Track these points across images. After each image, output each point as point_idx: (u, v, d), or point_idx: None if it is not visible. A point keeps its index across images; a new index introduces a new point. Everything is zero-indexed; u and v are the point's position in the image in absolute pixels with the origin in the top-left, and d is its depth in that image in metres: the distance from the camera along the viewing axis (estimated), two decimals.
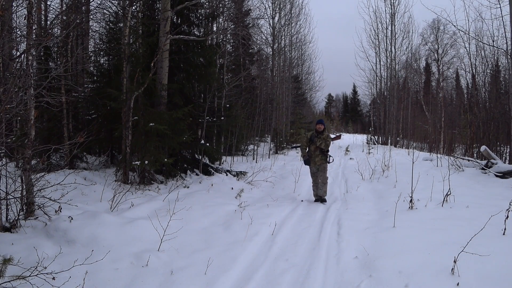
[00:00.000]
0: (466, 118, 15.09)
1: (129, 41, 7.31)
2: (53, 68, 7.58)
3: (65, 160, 7.72)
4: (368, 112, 42.04)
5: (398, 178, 8.02)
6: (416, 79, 30.81)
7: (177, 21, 8.69)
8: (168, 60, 7.79)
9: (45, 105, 5.54)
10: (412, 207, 5.41)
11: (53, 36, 7.23)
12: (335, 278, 3.28)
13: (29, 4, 4.35)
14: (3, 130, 3.79)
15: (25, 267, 2.98)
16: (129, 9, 7.26)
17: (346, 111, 73.26)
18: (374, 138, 26.74)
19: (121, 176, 7.23)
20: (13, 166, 5.48)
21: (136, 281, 3.18)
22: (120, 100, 7.12)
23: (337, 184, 8.73)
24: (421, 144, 22.95)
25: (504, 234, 3.88)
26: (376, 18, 26.66)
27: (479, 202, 5.58)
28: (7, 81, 4.04)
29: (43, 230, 4.00)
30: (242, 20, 14.93)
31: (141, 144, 6.98)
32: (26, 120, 4.35)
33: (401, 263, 3.35)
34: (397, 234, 4.24)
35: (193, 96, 9.37)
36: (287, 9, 20.60)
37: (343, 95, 77.07)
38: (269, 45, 19.89)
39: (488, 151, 8.83)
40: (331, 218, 5.32)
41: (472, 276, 3.01)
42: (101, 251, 3.54)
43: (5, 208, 4.09)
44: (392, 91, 25.20)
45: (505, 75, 15.43)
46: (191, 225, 4.70)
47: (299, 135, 21.30)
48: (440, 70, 28.25)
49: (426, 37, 29.33)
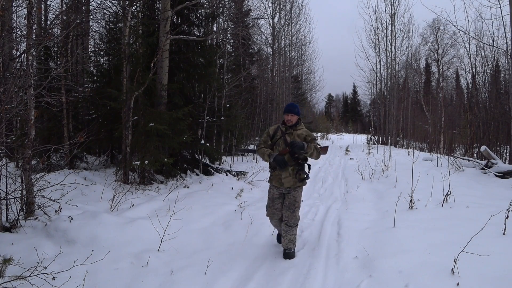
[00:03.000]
0: (466, 118, 15.10)
1: (129, 41, 7.31)
2: (53, 68, 7.57)
3: (65, 160, 7.72)
4: (368, 112, 42.04)
5: (398, 178, 8.02)
6: (416, 79, 30.82)
7: (177, 21, 8.69)
8: (168, 60, 7.79)
9: (45, 105, 5.54)
10: (412, 207, 5.41)
11: (53, 36, 7.23)
12: (335, 278, 3.29)
13: (29, 4, 4.35)
14: (3, 130, 3.79)
15: (25, 267, 2.98)
16: (129, 9, 7.25)
17: (346, 111, 73.22)
18: (374, 138, 26.74)
19: (121, 176, 7.22)
20: (13, 166, 5.48)
21: (136, 281, 3.18)
22: (120, 100, 7.12)
23: (337, 184, 8.73)
24: (421, 144, 22.94)
25: (504, 234, 3.88)
26: (376, 18, 26.74)
27: (479, 202, 5.58)
28: (7, 81, 4.04)
29: (43, 230, 4.00)
30: (242, 20, 14.92)
31: (141, 144, 6.98)
32: (26, 120, 4.35)
33: (401, 263, 3.35)
34: (397, 234, 4.24)
35: (193, 96, 9.36)
36: (287, 9, 20.64)
37: (343, 95, 77.09)
38: (269, 45, 19.90)
39: (488, 151, 8.83)
40: (331, 218, 5.32)
41: (472, 276, 3.00)
42: (101, 251, 3.54)
43: (5, 208, 4.09)
44: (392, 91, 25.21)
45: (505, 75, 15.43)
46: (191, 225, 4.70)
47: None
48: (440, 70, 28.25)
49: (426, 37, 29.32)
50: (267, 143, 3.85)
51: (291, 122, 3.79)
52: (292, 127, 3.80)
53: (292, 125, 3.80)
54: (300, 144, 3.56)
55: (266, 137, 3.90)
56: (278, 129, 3.85)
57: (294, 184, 3.74)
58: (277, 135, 3.82)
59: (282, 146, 3.70)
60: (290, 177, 3.72)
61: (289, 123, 3.79)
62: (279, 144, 3.74)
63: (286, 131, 3.78)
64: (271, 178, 3.86)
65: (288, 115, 3.78)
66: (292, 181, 3.73)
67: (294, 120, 3.79)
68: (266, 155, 3.74)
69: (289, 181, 3.73)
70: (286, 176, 3.72)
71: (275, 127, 3.91)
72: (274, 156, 3.67)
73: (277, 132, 3.83)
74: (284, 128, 3.81)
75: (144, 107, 7.27)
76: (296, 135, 3.76)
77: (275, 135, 3.83)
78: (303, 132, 3.80)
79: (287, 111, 3.80)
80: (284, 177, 3.72)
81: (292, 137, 3.73)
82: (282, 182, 3.74)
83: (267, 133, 3.94)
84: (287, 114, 3.79)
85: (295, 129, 3.79)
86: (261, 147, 3.84)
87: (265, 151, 3.77)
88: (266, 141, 3.86)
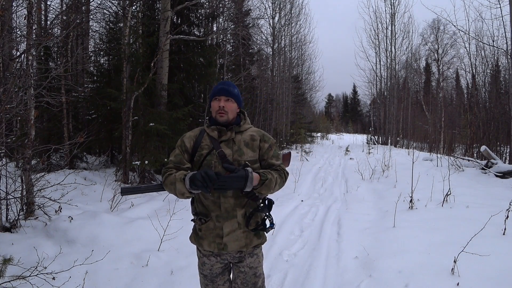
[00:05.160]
0: (466, 118, 15.10)
1: (129, 41, 7.32)
2: (53, 68, 7.57)
3: (65, 160, 7.72)
4: (368, 112, 42.05)
5: (398, 178, 8.02)
6: (416, 79, 30.84)
7: (177, 21, 8.70)
8: (168, 60, 7.79)
9: (45, 105, 5.55)
10: (412, 207, 5.41)
11: (53, 36, 7.23)
12: (335, 278, 3.28)
13: (29, 4, 4.36)
14: (3, 130, 3.79)
15: (25, 267, 2.98)
16: (129, 9, 7.26)
17: (346, 111, 73.30)
18: (374, 138, 26.75)
19: (121, 176, 7.23)
20: (13, 166, 5.48)
21: (136, 281, 3.18)
22: (120, 100, 7.12)
23: (337, 184, 8.73)
24: (421, 144, 22.95)
25: (504, 234, 3.88)
26: (376, 18, 26.81)
27: (479, 202, 5.57)
28: (7, 81, 4.04)
29: (43, 230, 4.00)
30: (242, 20, 14.92)
31: (141, 144, 6.98)
32: (26, 120, 4.35)
33: (401, 263, 3.35)
34: (397, 234, 4.24)
35: (193, 96, 9.37)
36: (287, 9, 20.65)
37: (343, 95, 77.21)
38: (269, 45, 19.91)
39: (488, 151, 8.83)
40: (331, 218, 5.32)
41: (472, 276, 3.00)
42: (101, 251, 3.54)
43: (5, 208, 4.09)
44: (392, 91, 25.23)
45: (505, 75, 15.44)
46: (191, 225, 4.69)
47: (299, 135, 21.25)
48: (440, 70, 28.29)
49: (426, 37, 29.41)
50: (183, 164, 1.90)
51: (226, 115, 1.87)
52: (230, 127, 1.90)
53: (230, 121, 1.90)
54: (250, 175, 1.69)
55: (181, 153, 1.94)
56: (203, 135, 1.94)
57: (249, 242, 1.90)
58: (202, 147, 1.90)
59: (218, 168, 1.82)
60: (239, 229, 1.87)
61: (222, 118, 1.86)
62: (210, 166, 1.84)
63: (221, 137, 1.89)
64: (200, 235, 1.97)
65: (221, 99, 1.87)
66: (244, 237, 1.89)
67: (231, 111, 1.89)
68: (179, 181, 1.77)
69: (239, 237, 1.88)
70: (232, 229, 1.87)
71: (196, 132, 1.99)
72: (195, 174, 1.67)
73: (202, 141, 1.92)
74: (217, 131, 1.90)
75: (144, 107, 7.27)
76: (243, 141, 1.89)
77: (198, 147, 1.91)
78: (255, 135, 1.94)
79: (216, 93, 1.89)
80: (228, 231, 1.86)
81: (236, 148, 1.87)
82: (224, 243, 1.87)
83: (180, 145, 1.97)
84: (217, 99, 1.88)
85: (239, 130, 1.92)
86: (171, 173, 1.87)
87: (176, 176, 1.81)
88: (181, 162, 1.91)
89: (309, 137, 27.02)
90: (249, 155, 1.88)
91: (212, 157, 1.86)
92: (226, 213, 1.85)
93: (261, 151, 1.93)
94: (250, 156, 1.88)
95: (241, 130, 1.94)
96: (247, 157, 1.86)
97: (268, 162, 1.92)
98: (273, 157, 1.94)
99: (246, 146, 1.90)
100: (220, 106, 1.87)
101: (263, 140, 1.95)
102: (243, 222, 1.88)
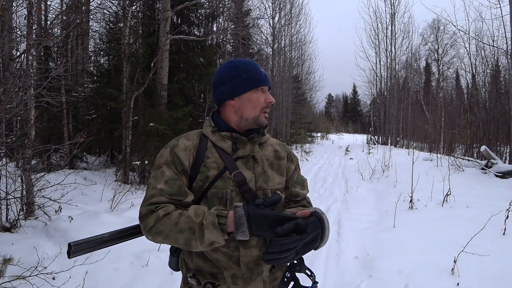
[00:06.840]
0: (466, 118, 15.09)
1: (129, 41, 7.32)
2: (53, 68, 7.58)
3: (65, 160, 7.73)
4: (368, 112, 42.03)
5: (398, 178, 8.02)
6: (416, 79, 30.85)
7: (177, 21, 8.70)
8: (168, 60, 7.79)
9: (45, 105, 5.55)
10: (412, 207, 5.41)
11: (53, 36, 7.23)
12: (335, 278, 3.28)
13: (29, 4, 4.36)
14: (3, 130, 3.79)
15: (25, 267, 2.98)
16: (129, 9, 7.26)
17: (346, 111, 73.35)
18: (374, 138, 26.76)
19: (121, 176, 7.23)
20: (13, 166, 5.48)
21: (136, 281, 3.18)
22: (120, 100, 7.12)
23: (337, 184, 8.73)
24: (421, 144, 22.94)
25: (504, 234, 3.88)
26: (376, 18, 26.78)
27: (479, 202, 5.58)
28: (7, 81, 4.04)
29: (43, 230, 4.00)
30: (242, 20, 14.93)
31: (141, 144, 6.98)
32: (26, 120, 4.36)
33: (401, 263, 3.35)
34: (397, 234, 4.24)
35: (193, 96, 9.37)
36: (287, 9, 20.63)
37: (343, 95, 77.26)
38: (269, 45, 19.90)
39: (488, 151, 8.84)
40: (331, 218, 5.32)
41: (472, 276, 3.00)
42: (101, 251, 3.53)
43: (5, 208, 4.09)
44: (392, 91, 25.23)
45: (505, 75, 15.44)
46: None
47: (299, 135, 21.24)
48: (440, 70, 28.31)
49: (426, 37, 29.43)
50: (183, 196, 1.10)
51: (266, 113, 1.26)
52: (250, 136, 1.22)
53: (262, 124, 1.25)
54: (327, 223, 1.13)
55: (176, 175, 1.12)
56: (205, 145, 1.19)
57: None
58: (207, 165, 1.15)
59: None
60: None
61: (266, 119, 1.27)
62: (224, 199, 1.13)
63: (236, 151, 1.19)
64: None
65: (266, 91, 1.24)
66: None
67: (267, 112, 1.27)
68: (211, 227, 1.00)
69: None
70: None
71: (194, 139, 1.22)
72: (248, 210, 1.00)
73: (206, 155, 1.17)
74: (231, 140, 1.20)
75: (144, 107, 7.27)
76: (266, 160, 1.24)
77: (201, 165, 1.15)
78: (279, 150, 1.31)
79: (262, 81, 1.21)
80: None
81: (260, 170, 1.20)
82: None
83: (173, 162, 1.15)
84: (260, 90, 1.22)
85: (260, 142, 1.27)
86: (169, 212, 1.04)
87: (191, 214, 1.02)
88: (181, 192, 1.10)
89: (309, 137, 27.02)
90: (276, 181, 1.23)
91: (225, 183, 1.13)
92: (248, 271, 1.16)
93: (287, 176, 1.29)
94: (277, 182, 1.23)
95: (261, 142, 1.27)
96: (273, 184, 1.22)
97: (291, 191, 1.29)
98: (297, 184, 1.32)
99: (271, 167, 1.24)
100: (269, 102, 1.23)
101: (289, 159, 1.31)
102: (269, 280, 1.22)
